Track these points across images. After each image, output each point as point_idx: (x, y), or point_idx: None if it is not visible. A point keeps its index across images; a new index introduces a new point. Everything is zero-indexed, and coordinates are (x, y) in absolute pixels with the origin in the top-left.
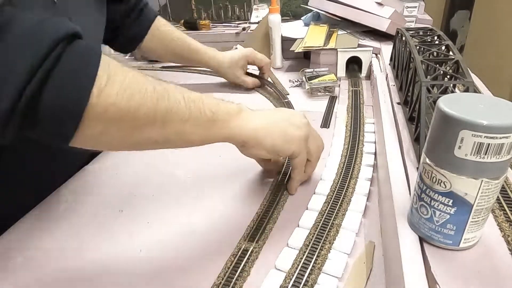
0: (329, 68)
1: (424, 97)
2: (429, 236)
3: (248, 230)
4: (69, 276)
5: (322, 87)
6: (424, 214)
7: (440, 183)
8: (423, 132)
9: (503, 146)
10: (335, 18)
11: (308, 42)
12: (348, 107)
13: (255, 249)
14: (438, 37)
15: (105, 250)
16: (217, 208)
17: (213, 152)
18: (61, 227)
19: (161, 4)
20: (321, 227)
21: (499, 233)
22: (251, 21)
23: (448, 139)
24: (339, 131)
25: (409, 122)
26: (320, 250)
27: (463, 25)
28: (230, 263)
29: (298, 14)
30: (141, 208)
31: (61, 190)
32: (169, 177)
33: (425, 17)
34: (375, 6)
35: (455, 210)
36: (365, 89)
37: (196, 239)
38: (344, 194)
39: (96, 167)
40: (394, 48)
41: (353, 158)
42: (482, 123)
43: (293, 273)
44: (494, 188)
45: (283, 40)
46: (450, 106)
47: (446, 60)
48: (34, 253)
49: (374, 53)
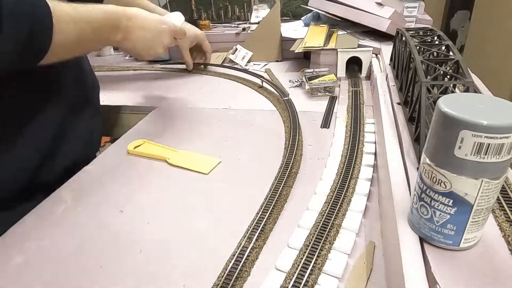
0: (329, 68)
1: (424, 97)
2: (429, 236)
3: (248, 230)
4: (69, 276)
5: (322, 87)
6: (424, 214)
7: (440, 183)
8: (423, 132)
9: (503, 146)
10: (335, 19)
11: (308, 42)
12: (348, 107)
13: (255, 249)
14: (438, 37)
15: (105, 250)
16: (217, 208)
17: (214, 152)
18: (61, 227)
19: (161, 4)
20: (321, 227)
21: (499, 233)
22: (251, 21)
23: (448, 139)
24: (339, 131)
25: (409, 122)
26: (320, 250)
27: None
28: (230, 263)
29: (298, 14)
30: (141, 208)
31: (61, 190)
32: (169, 178)
33: (425, 17)
34: (375, 6)
35: (455, 210)
36: (365, 89)
37: (196, 239)
38: (344, 194)
39: (96, 167)
40: (394, 48)
41: (353, 158)
42: (482, 123)
43: (293, 273)
44: (494, 188)
45: (283, 40)
46: (450, 106)
47: (446, 60)
48: (34, 253)
49: (374, 53)
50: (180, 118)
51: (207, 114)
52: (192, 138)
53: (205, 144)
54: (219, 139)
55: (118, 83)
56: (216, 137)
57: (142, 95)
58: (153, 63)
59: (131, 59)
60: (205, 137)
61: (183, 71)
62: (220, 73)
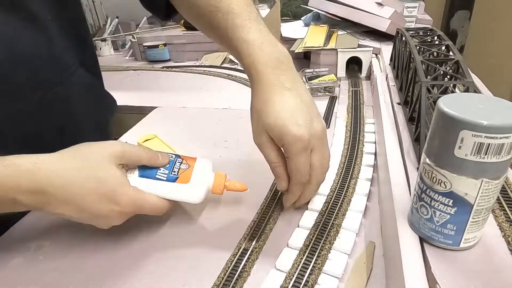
0: (329, 68)
1: (424, 97)
2: (429, 236)
3: (248, 230)
4: (69, 276)
5: (322, 87)
6: (424, 214)
7: (440, 183)
8: (423, 132)
9: (503, 146)
10: (335, 19)
11: (308, 43)
12: (348, 107)
13: (255, 249)
14: (438, 37)
15: (105, 250)
16: (217, 208)
17: (214, 153)
18: (61, 227)
19: None
20: (321, 227)
21: (499, 233)
22: None
23: (448, 139)
24: (339, 131)
25: (409, 122)
26: (320, 250)
27: (463, 25)
28: (230, 263)
29: (298, 15)
30: None
31: None
32: None
33: (425, 17)
34: (375, 7)
35: (455, 210)
36: (365, 89)
37: (196, 239)
38: (344, 194)
39: None
40: (394, 48)
41: (353, 158)
42: (482, 123)
43: (293, 273)
44: (494, 188)
45: (283, 40)
46: (450, 106)
47: (446, 60)
48: (34, 253)
49: (374, 53)
50: (180, 118)
51: (207, 114)
52: (192, 138)
53: (205, 144)
54: (219, 139)
55: (118, 83)
56: (216, 137)
57: (142, 95)
58: (153, 63)
59: (131, 59)
60: (205, 137)
61: (183, 71)
62: (220, 73)
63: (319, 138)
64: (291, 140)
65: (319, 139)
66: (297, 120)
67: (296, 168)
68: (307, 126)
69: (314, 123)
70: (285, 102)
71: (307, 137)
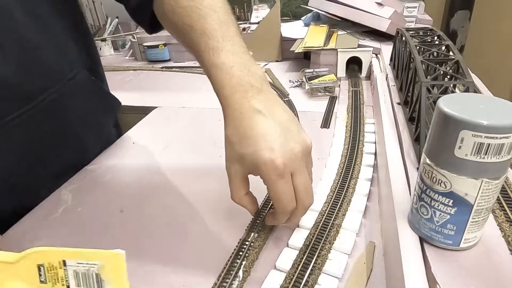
0: (329, 68)
1: (424, 97)
2: (429, 236)
3: (248, 230)
4: None
5: (322, 87)
6: (424, 214)
7: (440, 183)
8: (423, 132)
9: (503, 146)
10: (335, 19)
11: (308, 42)
12: (348, 107)
13: (255, 249)
14: (438, 37)
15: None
16: (217, 208)
17: (214, 152)
18: (61, 227)
19: None
20: (321, 227)
21: (499, 233)
22: (251, 21)
23: (448, 139)
24: (339, 132)
25: (409, 122)
26: (320, 250)
27: (463, 25)
28: (230, 263)
29: (298, 14)
30: (141, 208)
31: (61, 190)
32: (169, 177)
33: (425, 17)
34: (375, 7)
35: (455, 210)
36: (365, 89)
37: (196, 239)
38: (344, 194)
39: (96, 167)
40: (394, 48)
41: (353, 158)
42: (482, 123)
43: (293, 273)
44: (494, 188)
45: (283, 40)
46: (450, 106)
47: (446, 60)
48: None
49: (374, 53)
50: (180, 118)
51: (207, 114)
52: (192, 138)
53: (205, 144)
54: (219, 139)
55: (118, 83)
56: (216, 137)
57: (142, 95)
58: (153, 63)
59: (131, 59)
60: (205, 137)
61: (183, 71)
62: None
63: (299, 160)
64: (264, 169)
65: (299, 161)
66: (271, 145)
67: (276, 197)
68: (282, 150)
69: (291, 144)
70: (257, 127)
71: (282, 162)
